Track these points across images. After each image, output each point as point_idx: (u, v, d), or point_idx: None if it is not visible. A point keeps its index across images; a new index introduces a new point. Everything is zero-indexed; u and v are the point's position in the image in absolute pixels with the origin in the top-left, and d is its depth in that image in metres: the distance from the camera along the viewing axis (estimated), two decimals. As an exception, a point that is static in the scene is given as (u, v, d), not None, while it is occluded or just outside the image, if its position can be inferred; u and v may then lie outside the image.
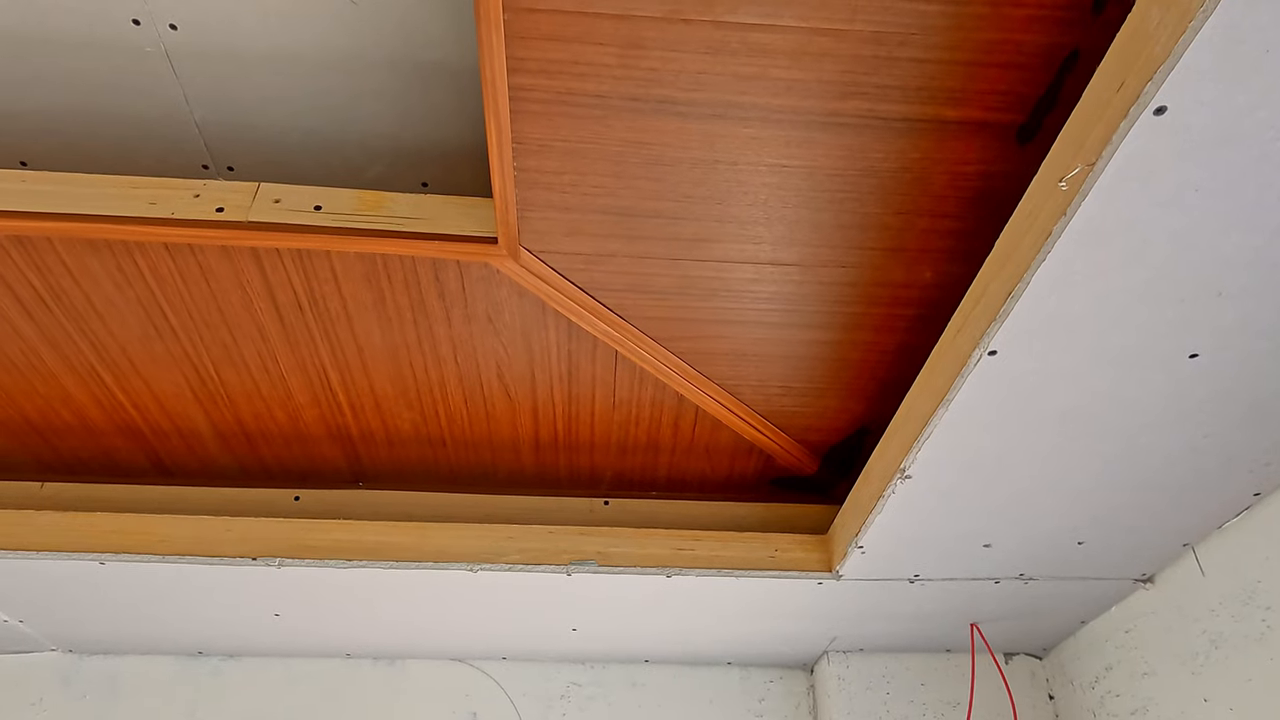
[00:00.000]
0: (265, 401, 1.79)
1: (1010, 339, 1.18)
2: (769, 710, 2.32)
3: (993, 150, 1.29)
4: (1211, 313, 1.13)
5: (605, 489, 2.05)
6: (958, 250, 1.46)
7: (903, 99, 1.21)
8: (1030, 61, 1.16)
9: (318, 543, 1.83)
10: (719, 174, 1.32)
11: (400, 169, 1.62)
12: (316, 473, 2.00)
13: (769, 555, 1.88)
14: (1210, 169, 0.94)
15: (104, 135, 1.57)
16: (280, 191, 1.46)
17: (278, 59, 1.44)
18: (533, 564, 1.83)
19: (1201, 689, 1.71)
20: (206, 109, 1.53)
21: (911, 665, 2.24)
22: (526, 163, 1.30)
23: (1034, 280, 1.08)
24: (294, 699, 2.26)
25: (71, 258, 1.50)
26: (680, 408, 1.83)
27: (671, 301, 1.56)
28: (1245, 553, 1.63)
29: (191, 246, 1.48)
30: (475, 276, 1.52)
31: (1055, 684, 2.21)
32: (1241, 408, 1.32)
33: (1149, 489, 1.53)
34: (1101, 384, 1.26)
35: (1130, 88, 0.89)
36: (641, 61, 1.16)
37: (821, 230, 1.41)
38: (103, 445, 1.90)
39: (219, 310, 1.59)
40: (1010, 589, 1.90)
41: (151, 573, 1.83)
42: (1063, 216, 1.00)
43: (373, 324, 1.62)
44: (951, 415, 1.32)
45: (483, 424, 1.86)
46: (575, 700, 2.31)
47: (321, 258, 1.49)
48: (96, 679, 2.25)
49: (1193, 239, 1.02)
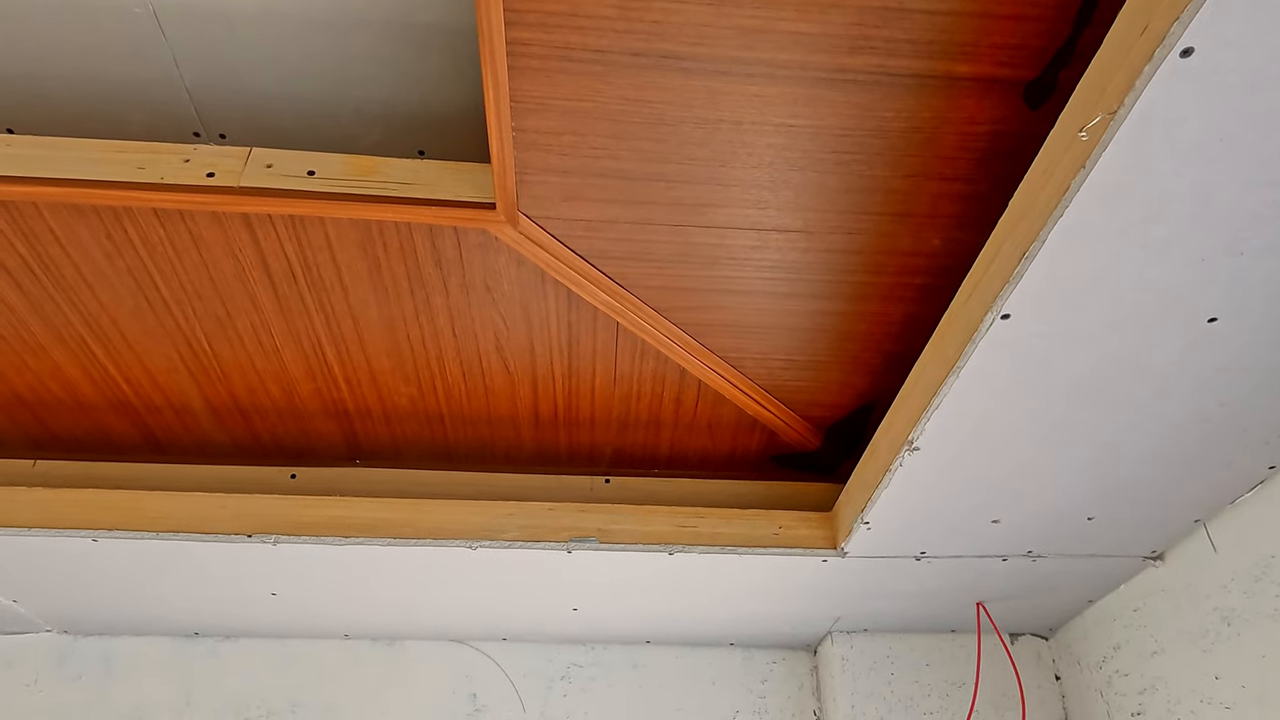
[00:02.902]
0: (259, 376, 1.76)
1: (1024, 301, 1.14)
2: (772, 691, 2.30)
3: (1005, 109, 1.25)
4: (1231, 273, 1.10)
5: (606, 466, 2.02)
6: (967, 216, 1.42)
7: (913, 54, 1.17)
8: (1045, 13, 1.12)
9: (314, 519, 1.79)
10: (722, 134, 1.28)
11: (396, 136, 1.58)
12: (312, 450, 1.97)
13: (773, 533, 1.85)
14: (1237, 117, 0.90)
15: (92, 100, 1.53)
16: (272, 156, 1.43)
17: (268, 18, 1.40)
18: (533, 541, 1.80)
19: (1213, 667, 1.68)
20: (197, 72, 1.49)
21: (916, 646, 2.21)
22: (525, 122, 1.27)
23: (1050, 238, 1.04)
24: (291, 680, 2.23)
25: (59, 225, 1.46)
26: (682, 382, 1.79)
27: (673, 270, 1.52)
28: (1258, 528, 1.59)
29: (182, 213, 1.44)
30: (473, 244, 1.49)
31: (1062, 664, 2.18)
32: (1258, 375, 1.28)
33: (1160, 461, 1.50)
34: (1115, 349, 1.23)
35: (1155, 29, 0.85)
36: (643, 14, 1.12)
37: (827, 194, 1.38)
38: (95, 421, 1.87)
39: (211, 280, 1.56)
40: (1018, 566, 1.87)
41: (145, 550, 1.80)
42: (1081, 169, 0.97)
43: (368, 294, 1.58)
44: (962, 383, 1.28)
45: (481, 399, 1.83)
46: (576, 681, 2.28)
47: (315, 224, 1.46)
48: (91, 659, 2.22)
49: (1215, 193, 0.99)
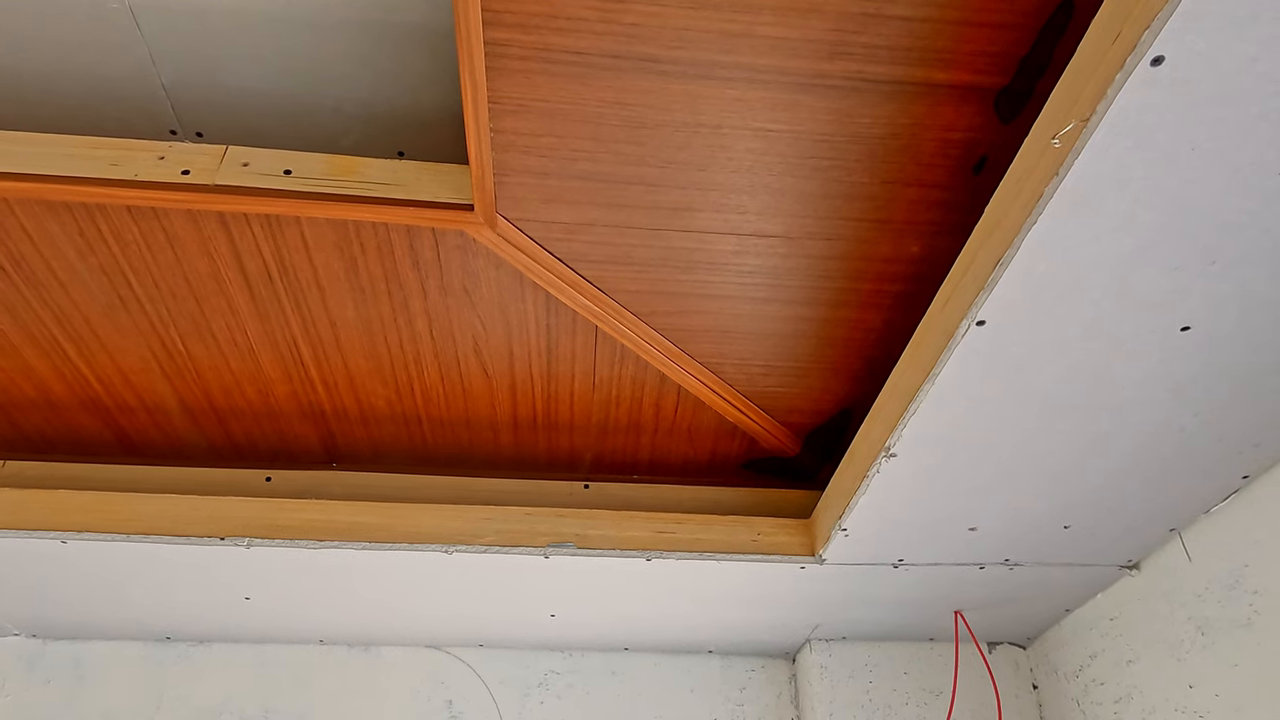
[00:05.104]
0: (235, 376, 1.74)
1: (998, 309, 1.14)
2: (750, 699, 2.29)
3: (982, 117, 1.26)
4: (1205, 282, 1.10)
5: (585, 471, 2.01)
6: (945, 223, 1.42)
7: (891, 60, 1.17)
8: (1022, 21, 1.13)
9: (289, 522, 1.78)
10: (702, 138, 1.28)
11: (376, 136, 1.57)
12: (289, 452, 1.95)
13: (751, 539, 1.85)
14: (1207, 126, 0.91)
15: (67, 98, 1.51)
16: (249, 155, 1.42)
17: (247, 16, 1.38)
18: (510, 545, 1.79)
19: (1187, 676, 1.68)
20: (174, 70, 1.47)
21: (894, 654, 2.21)
22: (503, 124, 1.26)
23: (1024, 245, 1.04)
24: (265, 686, 2.21)
25: (31, 221, 1.44)
26: (662, 387, 1.79)
27: (652, 274, 1.52)
28: (1233, 537, 1.60)
29: (156, 210, 1.43)
30: (451, 245, 1.48)
31: (1039, 673, 2.18)
32: (1232, 385, 1.29)
33: (1136, 470, 1.50)
34: (1089, 357, 1.23)
35: (1126, 38, 0.86)
36: (622, 16, 1.12)
37: (806, 200, 1.38)
38: (66, 421, 1.85)
39: (185, 279, 1.54)
40: (995, 574, 1.88)
41: (116, 552, 1.78)
42: (1055, 177, 0.97)
43: (345, 295, 1.57)
44: (938, 389, 1.29)
45: (459, 402, 1.82)
46: (553, 688, 2.26)
47: (291, 224, 1.44)
48: (61, 664, 2.19)
49: (1188, 202, 0.99)
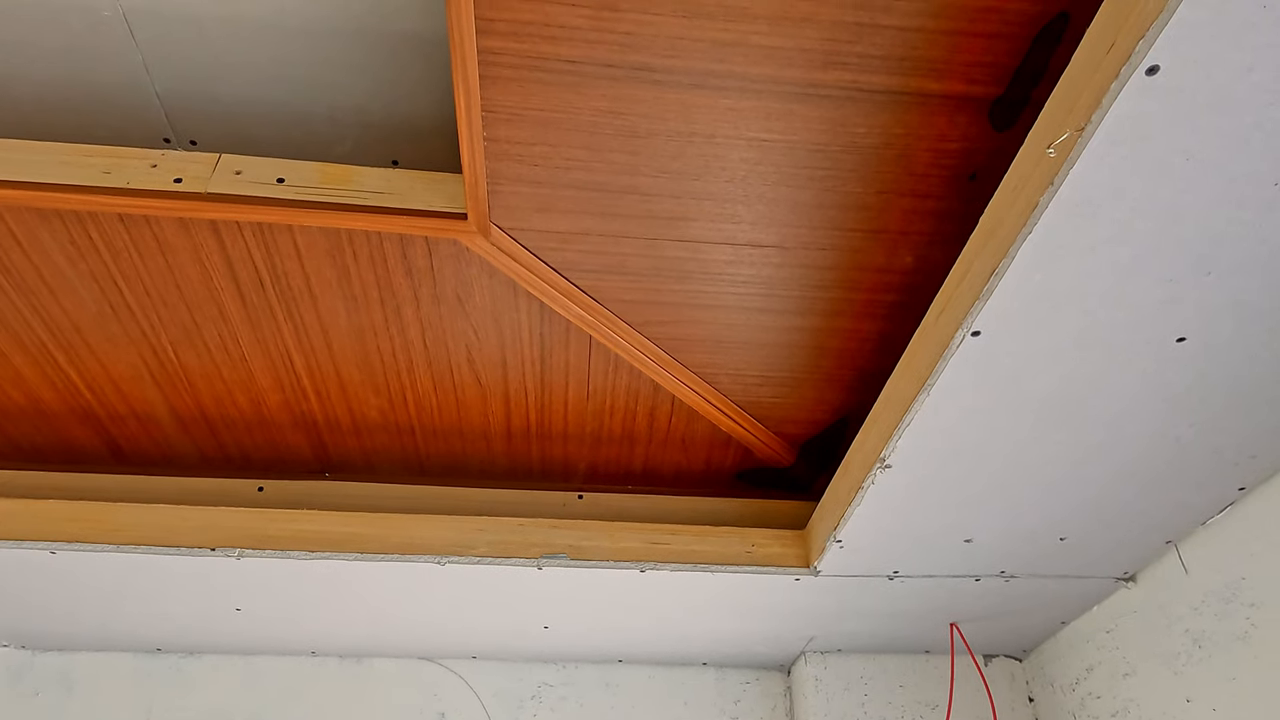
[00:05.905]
0: (226, 385, 1.73)
1: (993, 319, 1.14)
2: (745, 712, 2.27)
3: (976, 127, 1.26)
4: (1200, 292, 1.10)
5: (579, 482, 2.00)
6: (939, 234, 1.42)
7: (885, 70, 1.17)
8: (1016, 30, 1.13)
9: (280, 533, 1.76)
10: (696, 148, 1.28)
11: (370, 145, 1.56)
12: (281, 462, 1.93)
13: (745, 550, 1.83)
14: (1202, 135, 0.91)
15: (60, 105, 1.51)
16: (241, 163, 1.41)
17: (241, 24, 1.38)
18: (503, 557, 1.77)
19: (1184, 689, 1.67)
20: (167, 78, 1.47)
21: (890, 666, 2.19)
22: (497, 132, 1.26)
23: (1019, 254, 1.04)
24: (256, 698, 2.19)
25: (21, 228, 1.43)
26: (656, 397, 1.78)
27: (647, 284, 1.51)
28: (1229, 549, 1.59)
29: (148, 218, 1.42)
30: (444, 254, 1.47)
31: (1035, 686, 2.17)
32: (1227, 396, 1.28)
33: (1131, 481, 1.49)
34: (1085, 368, 1.23)
35: (1121, 47, 0.85)
36: (616, 24, 1.12)
37: (801, 210, 1.37)
38: (56, 430, 1.83)
39: (177, 287, 1.53)
40: (991, 587, 1.86)
41: (106, 563, 1.76)
42: (1050, 186, 0.97)
43: (338, 304, 1.56)
44: (933, 400, 1.28)
45: (453, 412, 1.81)
46: (547, 701, 2.24)
47: (283, 232, 1.44)
48: (49, 676, 2.17)
49: (1183, 211, 0.99)
